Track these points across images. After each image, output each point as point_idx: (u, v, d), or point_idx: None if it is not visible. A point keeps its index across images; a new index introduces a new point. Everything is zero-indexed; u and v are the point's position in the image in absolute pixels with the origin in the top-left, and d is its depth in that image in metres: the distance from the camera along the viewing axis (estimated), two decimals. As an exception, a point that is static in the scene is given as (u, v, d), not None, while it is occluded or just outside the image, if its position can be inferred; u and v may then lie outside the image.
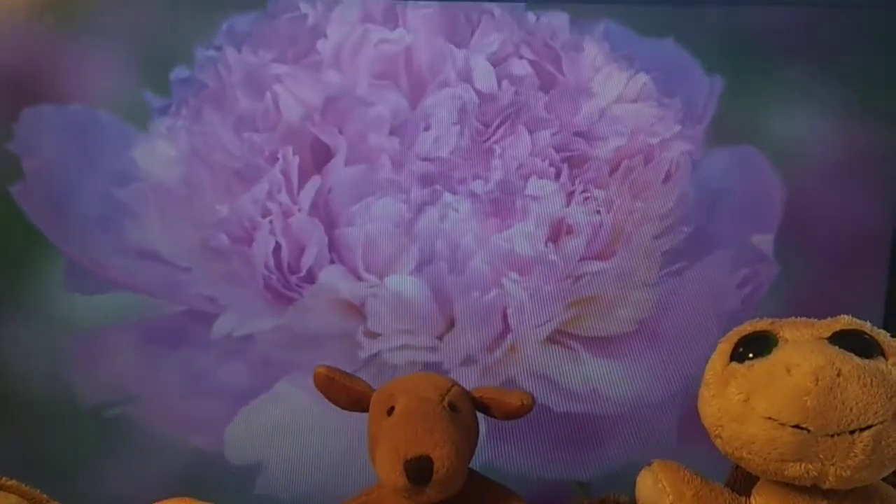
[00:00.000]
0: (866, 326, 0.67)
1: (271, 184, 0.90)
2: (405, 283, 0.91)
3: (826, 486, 0.63)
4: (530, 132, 0.90)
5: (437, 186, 0.90)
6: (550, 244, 0.91)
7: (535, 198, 0.90)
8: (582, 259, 0.92)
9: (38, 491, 0.71)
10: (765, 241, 0.92)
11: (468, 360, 0.93)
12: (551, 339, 0.93)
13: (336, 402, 0.75)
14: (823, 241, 0.91)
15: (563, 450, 0.95)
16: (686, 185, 0.91)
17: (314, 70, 0.89)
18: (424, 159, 0.90)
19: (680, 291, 0.93)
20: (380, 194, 0.90)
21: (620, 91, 0.90)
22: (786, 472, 0.63)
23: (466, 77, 0.89)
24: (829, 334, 0.65)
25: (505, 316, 0.92)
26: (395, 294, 0.91)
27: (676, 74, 0.90)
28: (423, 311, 0.92)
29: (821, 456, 0.61)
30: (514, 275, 0.91)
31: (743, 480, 0.70)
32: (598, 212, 0.91)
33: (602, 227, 0.91)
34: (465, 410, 0.72)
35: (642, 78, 0.90)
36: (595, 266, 0.92)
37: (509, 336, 0.92)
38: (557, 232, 0.91)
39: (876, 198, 0.88)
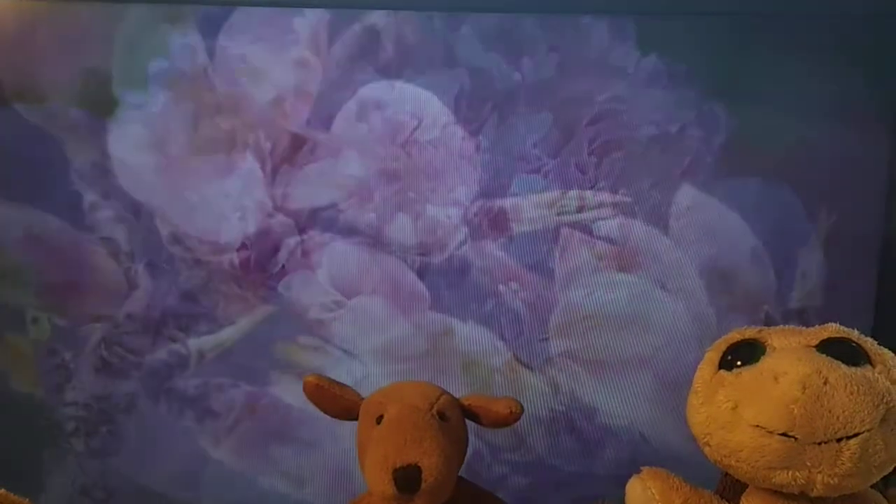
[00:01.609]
0: (853, 334, 0.67)
1: (245, 178, 0.89)
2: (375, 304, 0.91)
3: (814, 493, 0.63)
4: (535, 114, 0.87)
5: (411, 192, 0.89)
6: (556, 252, 0.90)
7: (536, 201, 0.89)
8: (595, 270, 0.90)
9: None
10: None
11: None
12: (550, 360, 0.92)
13: (326, 411, 0.75)
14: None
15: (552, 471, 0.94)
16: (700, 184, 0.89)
17: (287, 51, 0.87)
18: (407, 152, 0.88)
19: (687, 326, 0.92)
20: (350, 200, 0.89)
21: (632, 72, 0.88)
22: (774, 480, 0.63)
23: (456, 54, 0.87)
24: (816, 342, 0.65)
25: (501, 329, 0.92)
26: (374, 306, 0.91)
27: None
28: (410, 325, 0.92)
29: (808, 463, 0.61)
30: (514, 284, 0.90)
31: (732, 487, 0.70)
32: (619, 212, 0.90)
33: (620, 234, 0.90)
34: (454, 419, 0.73)
35: (652, 59, 0.87)
36: (614, 278, 0.90)
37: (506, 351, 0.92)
38: (567, 238, 0.90)
39: (865, 204, 0.88)
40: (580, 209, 0.89)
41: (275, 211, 0.90)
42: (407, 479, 0.67)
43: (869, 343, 0.66)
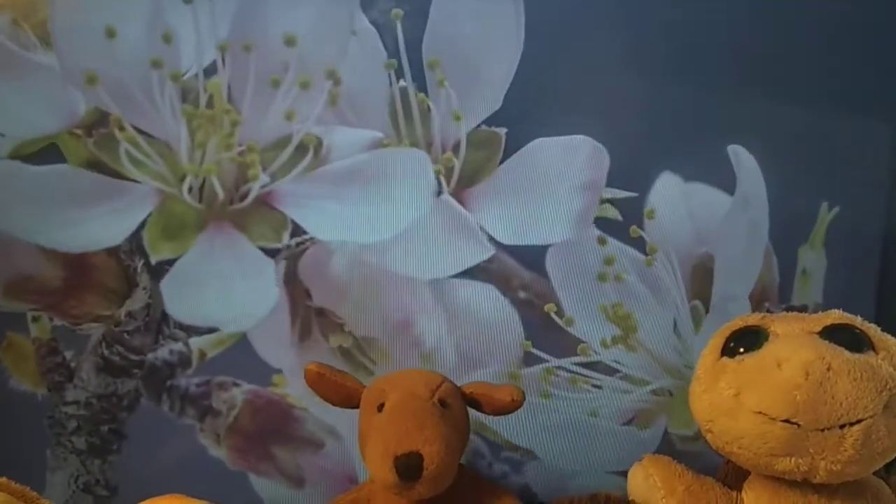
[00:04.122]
0: (856, 321, 0.67)
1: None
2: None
3: (816, 480, 0.63)
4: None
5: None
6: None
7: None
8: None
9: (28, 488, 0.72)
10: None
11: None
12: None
13: (327, 399, 0.75)
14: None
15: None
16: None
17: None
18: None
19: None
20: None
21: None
22: (776, 467, 0.63)
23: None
24: (819, 329, 0.65)
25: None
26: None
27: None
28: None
29: (811, 450, 0.62)
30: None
31: (734, 474, 0.70)
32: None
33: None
34: (455, 406, 0.72)
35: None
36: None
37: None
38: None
39: (866, 192, 0.88)
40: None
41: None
42: (408, 466, 0.66)
43: (872, 330, 0.66)
